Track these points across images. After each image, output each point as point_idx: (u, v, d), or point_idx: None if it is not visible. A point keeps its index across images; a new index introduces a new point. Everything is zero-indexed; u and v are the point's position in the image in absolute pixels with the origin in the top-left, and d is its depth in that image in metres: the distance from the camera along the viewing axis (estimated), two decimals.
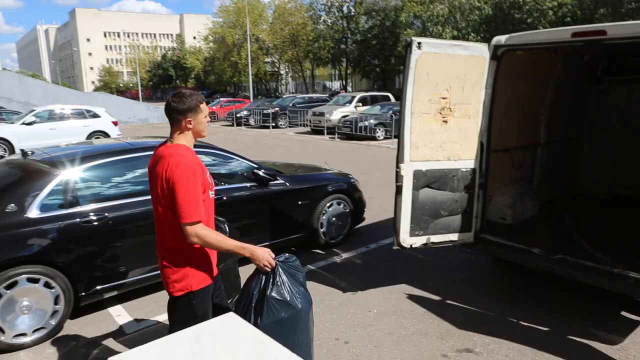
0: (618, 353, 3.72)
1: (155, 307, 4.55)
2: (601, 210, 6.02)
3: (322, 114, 20.17)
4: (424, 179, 4.23)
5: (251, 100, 36.77)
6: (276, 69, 58.41)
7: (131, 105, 32.23)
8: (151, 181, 2.55)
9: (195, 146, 2.65)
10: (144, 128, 26.56)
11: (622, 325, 4.12)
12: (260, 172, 5.29)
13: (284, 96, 35.72)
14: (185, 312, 2.55)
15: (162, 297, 4.76)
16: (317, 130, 20.19)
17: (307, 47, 47.40)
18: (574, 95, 6.30)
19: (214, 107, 31.06)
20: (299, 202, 5.66)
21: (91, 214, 4.22)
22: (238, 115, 26.07)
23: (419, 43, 3.97)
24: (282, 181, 5.55)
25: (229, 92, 61.25)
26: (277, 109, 24.54)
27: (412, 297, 4.66)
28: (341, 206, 6.08)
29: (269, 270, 2.55)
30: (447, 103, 4.18)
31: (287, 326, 2.56)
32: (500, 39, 4.35)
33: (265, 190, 5.37)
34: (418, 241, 4.34)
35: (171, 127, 2.55)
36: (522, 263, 4.50)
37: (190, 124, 2.50)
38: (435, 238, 4.40)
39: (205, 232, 2.42)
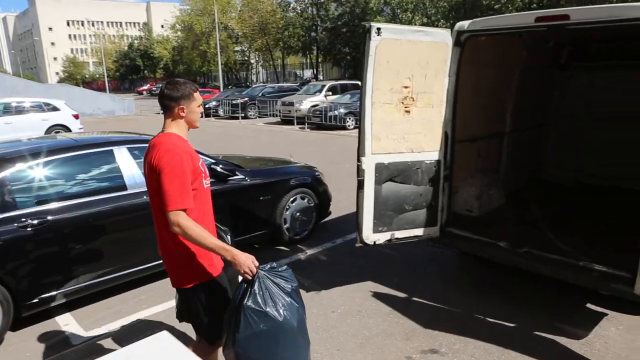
0: (583, 348, 3.64)
1: (106, 315, 4.27)
2: (567, 197, 5.96)
3: (291, 104, 19.84)
4: (386, 173, 4.04)
5: (221, 90, 36.06)
6: (246, 58, 57.52)
7: (96, 97, 31.09)
8: (146, 173, 2.51)
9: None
10: (109, 121, 25.67)
11: (588, 318, 4.04)
12: (218, 168, 5.01)
13: (254, 86, 35.15)
14: (207, 302, 2.56)
15: (115, 303, 4.50)
16: (287, 120, 19.88)
17: (276, 36, 46.73)
18: (539, 82, 6.21)
19: None
20: (261, 198, 5.42)
21: (30, 217, 3.89)
22: (207, 106, 25.40)
23: (378, 29, 3.75)
24: (242, 176, 5.29)
25: (199, 82, 60.05)
26: (246, 99, 24.07)
27: (377, 295, 4.49)
28: (305, 201, 5.86)
29: (250, 278, 2.38)
30: (410, 92, 3.99)
31: (267, 339, 2.35)
32: (464, 24, 4.17)
33: (224, 187, 5.10)
34: (382, 237, 4.16)
35: (164, 116, 2.55)
36: (488, 257, 4.38)
37: (183, 111, 2.50)
38: (400, 233, 4.22)
39: (187, 222, 2.31)
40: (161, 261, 2.68)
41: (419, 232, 4.29)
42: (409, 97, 3.98)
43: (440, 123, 4.18)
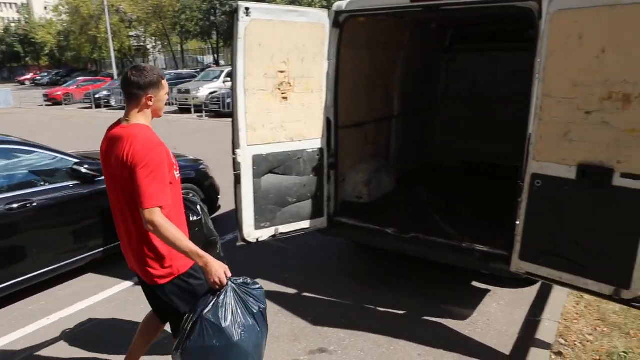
0: (468, 328, 3.67)
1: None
2: (455, 179, 6.10)
3: (187, 91, 18.86)
4: (265, 164, 3.76)
5: (115, 78, 33.57)
6: (142, 44, 54.14)
7: None
8: (107, 167, 2.37)
9: None
10: None
11: (472, 297, 4.11)
12: (82, 169, 4.44)
13: None
14: (184, 294, 2.45)
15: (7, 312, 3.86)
16: (184, 109, 18.88)
17: (173, 20, 44.39)
18: (425, 65, 6.26)
19: (69, 88, 27.74)
20: None
21: None
22: (97, 95, 23.53)
23: (247, 9, 3.42)
24: None
25: (91, 71, 55.46)
26: None
27: (266, 294, 4.23)
28: (190, 196, 5.40)
29: (218, 288, 2.26)
30: (286, 77, 3.72)
31: (216, 356, 2.22)
32: (341, 4, 3.96)
33: (92, 189, 4.54)
34: (265, 234, 3.89)
35: (128, 105, 2.35)
36: (377, 246, 4.29)
37: (151, 100, 2.33)
38: (285, 228, 3.98)
39: (163, 221, 2.18)
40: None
41: (305, 224, 4.08)
42: (285, 83, 3.71)
43: (321, 109, 3.96)
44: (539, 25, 2.92)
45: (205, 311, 2.21)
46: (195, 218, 2.85)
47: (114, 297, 4.29)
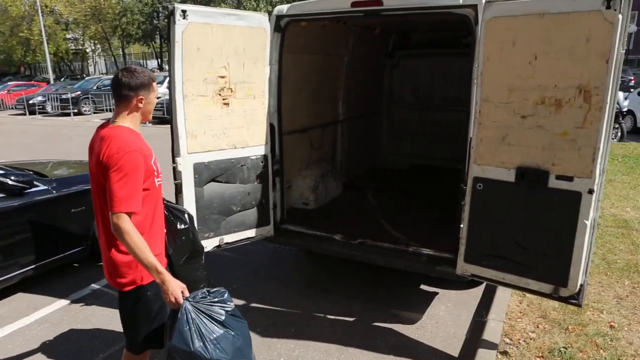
0: (417, 332, 3.69)
1: None
2: (402, 183, 6.17)
3: None
4: (207, 173, 3.63)
5: (51, 82, 31.91)
6: (81, 47, 51.81)
7: None
8: (91, 165, 2.33)
9: None
10: None
11: (420, 299, 4.15)
12: (9, 181, 4.13)
13: (88, 77, 31.67)
14: (140, 309, 2.38)
15: None
16: None
17: (113, 22, 42.75)
18: (369, 70, 6.30)
19: None
20: (72, 210, 4.62)
21: None
22: (30, 101, 22.20)
23: (184, 11, 3.28)
24: (45, 187, 4.44)
25: (25, 75, 52.48)
26: (78, 92, 21.50)
27: None
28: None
29: (176, 307, 2.20)
30: (227, 82, 3.61)
31: None
32: (282, 8, 3.90)
33: (21, 202, 4.23)
34: (209, 244, 3.75)
35: (117, 106, 2.31)
36: (324, 253, 4.24)
37: (141, 102, 2.30)
38: (230, 237, 3.86)
39: (129, 228, 2.12)
40: None
41: (250, 233, 3.98)
42: (226, 88, 3.60)
43: (264, 115, 3.88)
44: (476, 32, 2.98)
45: (172, 341, 2.15)
46: (182, 226, 2.80)
47: (48, 318, 4.00)
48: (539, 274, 2.96)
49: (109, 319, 3.93)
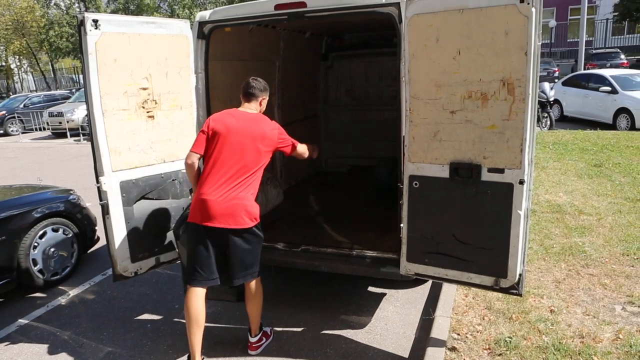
0: (367, 336, 3.64)
1: None
2: (342, 186, 6.13)
3: (61, 114, 17.22)
4: (136, 191, 3.42)
5: None
6: (4, 64, 48.83)
7: None
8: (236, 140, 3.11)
9: None
10: None
11: (369, 302, 4.11)
12: None
13: (14, 96, 29.79)
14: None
15: None
16: (59, 134, 17.24)
17: (39, 36, 40.57)
18: (303, 74, 6.23)
19: None
20: None
21: None
22: None
23: (95, 21, 3.08)
24: None
25: None
26: (3, 112, 20.18)
27: (154, 330, 3.87)
28: (60, 232, 4.85)
29: None
30: (150, 94, 3.42)
31: None
32: (204, 14, 3.75)
33: None
34: (144, 265, 3.55)
35: (248, 102, 3.29)
36: (267, 263, 4.09)
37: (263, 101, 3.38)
38: (166, 256, 3.67)
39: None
40: None
41: None
42: (150, 100, 3.41)
43: (194, 126, 3.71)
44: (400, 30, 2.96)
45: None
46: None
47: None
48: (480, 268, 2.97)
49: (38, 356, 3.63)
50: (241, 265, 3.17)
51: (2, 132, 19.31)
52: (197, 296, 3.11)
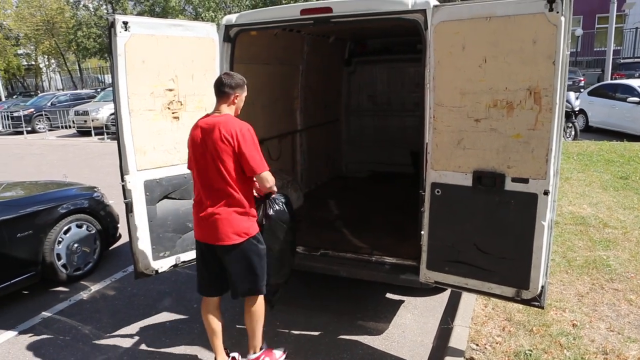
0: (384, 342, 3.61)
1: None
2: (363, 191, 6.12)
3: (86, 113, 17.58)
4: (159, 190, 3.48)
5: (2, 99, 30.70)
6: (34, 63, 50.08)
7: None
8: (202, 149, 2.89)
9: None
10: None
11: (386, 309, 4.08)
12: None
13: (42, 94, 30.53)
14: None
15: None
16: (84, 132, 17.61)
17: (68, 37, 41.51)
18: (326, 78, 6.26)
19: None
20: (18, 235, 4.35)
21: None
22: None
23: (125, 23, 3.15)
24: None
25: None
26: (31, 110, 20.70)
27: (173, 328, 3.92)
28: (84, 228, 4.94)
29: None
30: (176, 95, 3.47)
31: None
32: (231, 18, 3.80)
33: None
34: (165, 264, 3.60)
35: (218, 101, 2.95)
36: None
37: (237, 99, 3.00)
38: (187, 256, 3.70)
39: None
40: None
41: None
42: (175, 102, 3.47)
43: None
44: (426, 37, 2.95)
45: None
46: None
47: None
48: (501, 278, 2.93)
49: (60, 348, 3.70)
50: (237, 281, 3.02)
51: (29, 129, 19.79)
52: (208, 305, 3.17)
